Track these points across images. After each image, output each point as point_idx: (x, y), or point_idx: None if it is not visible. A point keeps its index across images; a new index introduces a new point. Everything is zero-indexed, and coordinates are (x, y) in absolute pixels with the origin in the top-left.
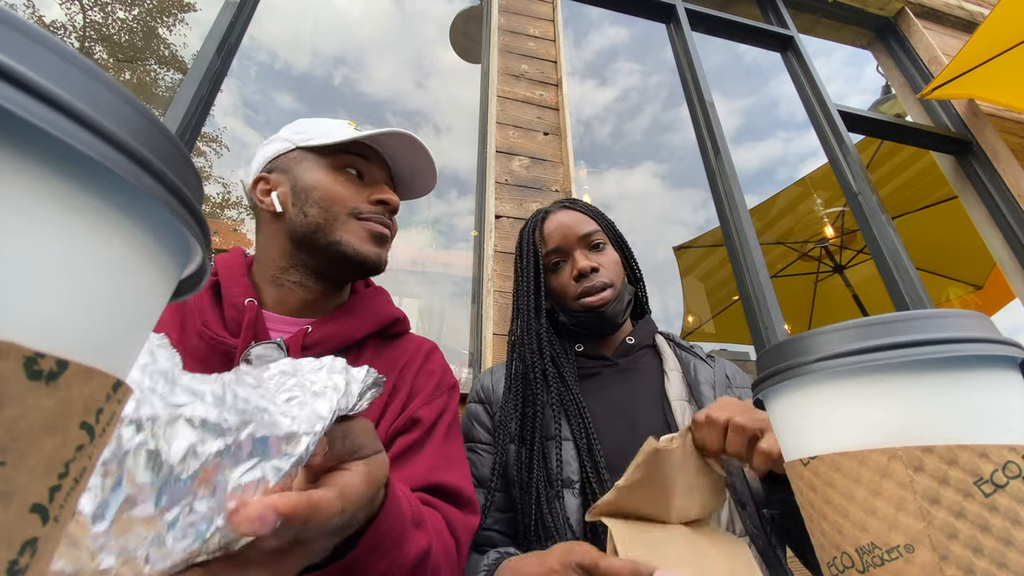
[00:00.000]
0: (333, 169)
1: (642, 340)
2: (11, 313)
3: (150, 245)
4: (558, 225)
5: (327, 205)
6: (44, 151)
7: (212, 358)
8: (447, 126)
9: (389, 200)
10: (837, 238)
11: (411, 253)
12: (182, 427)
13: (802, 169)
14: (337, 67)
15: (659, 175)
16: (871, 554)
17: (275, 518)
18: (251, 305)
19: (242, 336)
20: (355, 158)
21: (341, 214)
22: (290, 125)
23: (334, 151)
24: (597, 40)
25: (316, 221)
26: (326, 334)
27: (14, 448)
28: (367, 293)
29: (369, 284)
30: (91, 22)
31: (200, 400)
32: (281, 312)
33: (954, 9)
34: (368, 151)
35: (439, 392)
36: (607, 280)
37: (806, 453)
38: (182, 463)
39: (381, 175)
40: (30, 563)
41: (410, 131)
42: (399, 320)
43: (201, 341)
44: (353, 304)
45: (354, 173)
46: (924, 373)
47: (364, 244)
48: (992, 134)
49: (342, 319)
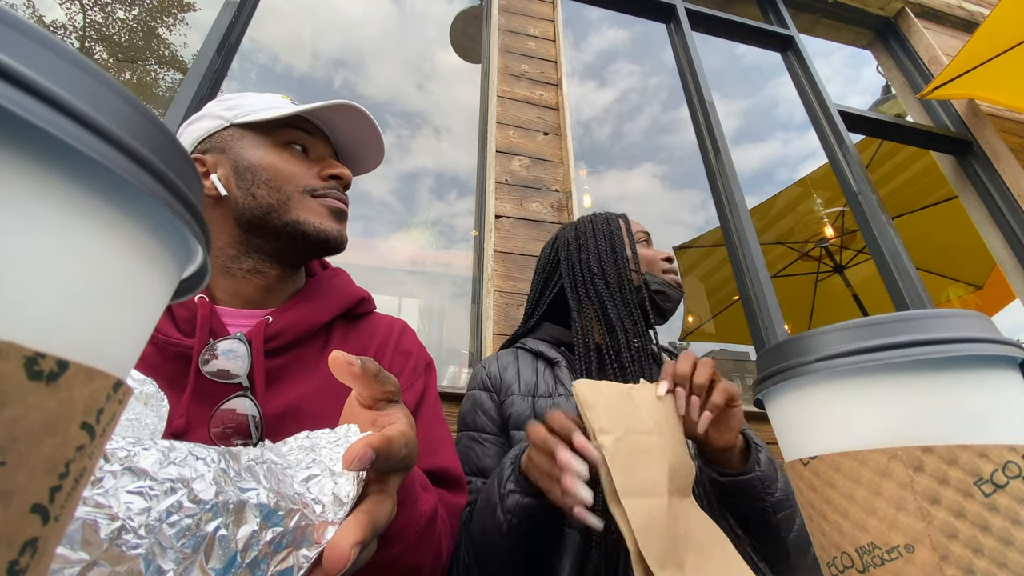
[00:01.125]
0: (277, 146)
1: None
2: (11, 313)
3: (150, 245)
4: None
5: (278, 184)
6: (44, 151)
7: (165, 363)
8: (447, 128)
9: (342, 175)
10: (837, 238)
11: (411, 253)
12: (248, 513)
13: (800, 171)
14: (337, 69)
15: (658, 176)
16: (871, 554)
17: (371, 453)
18: (202, 301)
19: (197, 335)
20: (298, 132)
21: (295, 193)
22: (216, 101)
23: (276, 127)
24: (596, 42)
25: (268, 202)
26: (289, 322)
27: (14, 448)
28: (325, 275)
29: (326, 266)
30: (91, 22)
31: (259, 484)
32: (236, 305)
33: (954, 9)
34: (309, 125)
35: (416, 374)
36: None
37: (806, 453)
38: (244, 552)
39: (327, 150)
40: (30, 563)
41: (352, 101)
42: (364, 299)
43: (151, 346)
44: (312, 288)
45: (299, 149)
46: (924, 373)
47: (325, 221)
48: (992, 134)
49: (304, 304)
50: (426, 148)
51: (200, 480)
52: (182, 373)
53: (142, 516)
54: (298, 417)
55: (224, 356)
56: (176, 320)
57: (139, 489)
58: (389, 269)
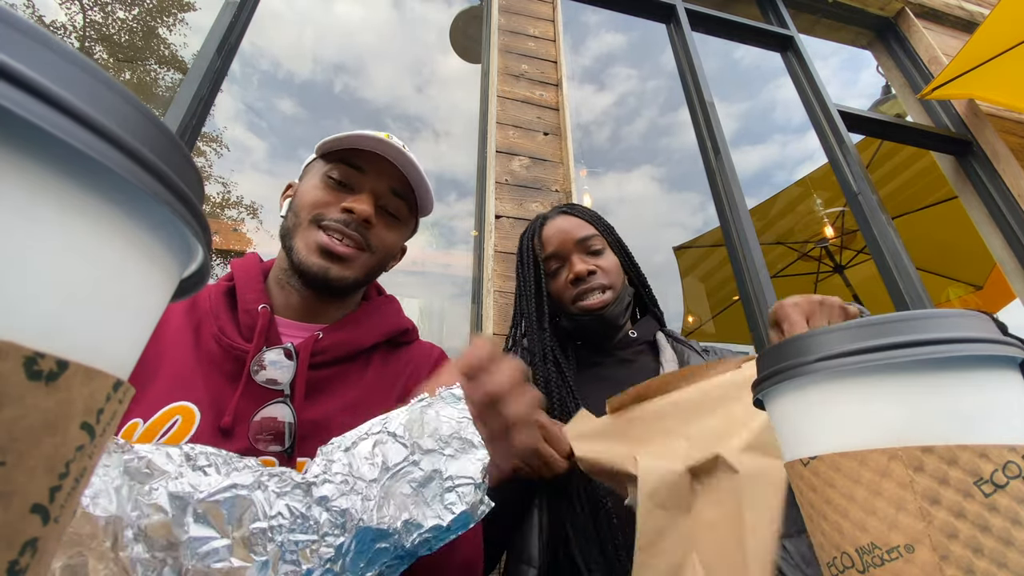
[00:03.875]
0: (321, 175)
1: (644, 335)
2: (11, 313)
3: (151, 244)
4: (556, 230)
5: (297, 209)
6: (44, 150)
7: (226, 362)
8: (446, 131)
9: (354, 208)
10: (837, 238)
11: (411, 254)
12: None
13: (798, 173)
14: (338, 74)
15: (656, 178)
16: (871, 554)
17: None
18: (264, 311)
19: (254, 342)
20: (343, 167)
21: (305, 219)
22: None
23: (329, 160)
24: (594, 46)
25: (287, 225)
26: (336, 341)
27: (14, 448)
28: (379, 301)
29: (381, 291)
30: (91, 22)
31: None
32: (289, 316)
33: (954, 9)
34: (365, 162)
35: None
36: (606, 282)
37: (806, 453)
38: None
39: (376, 185)
40: (30, 563)
41: (401, 144)
42: (408, 330)
43: (217, 346)
44: (363, 312)
45: (334, 179)
46: (924, 373)
47: (310, 255)
48: (992, 134)
49: (352, 326)
50: (426, 151)
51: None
52: (238, 373)
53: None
54: (329, 427)
55: (272, 367)
56: (239, 325)
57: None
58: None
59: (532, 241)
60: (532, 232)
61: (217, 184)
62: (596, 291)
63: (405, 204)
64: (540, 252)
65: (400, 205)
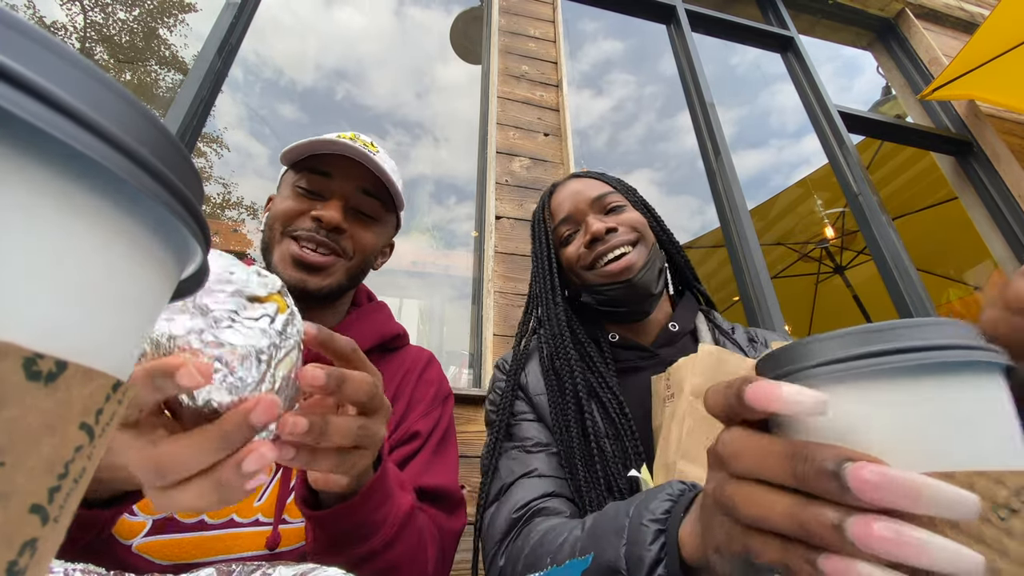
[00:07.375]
0: (291, 186)
1: (685, 326)
2: (10, 313)
3: (150, 245)
4: (568, 193)
5: (271, 223)
6: (44, 151)
7: None
8: (446, 137)
9: (322, 216)
10: (837, 239)
11: (412, 256)
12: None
13: (794, 177)
14: (339, 81)
15: (655, 182)
16: None
17: (322, 374)
18: None
19: None
20: (309, 174)
21: (278, 232)
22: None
23: (298, 167)
24: (592, 52)
25: (265, 240)
26: None
27: (13, 449)
28: (368, 308)
29: (372, 298)
30: (92, 23)
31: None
32: None
33: (954, 10)
34: (331, 166)
35: (436, 403)
36: (630, 239)
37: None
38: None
39: (344, 189)
40: (29, 563)
41: (368, 141)
42: (399, 336)
43: None
44: (353, 319)
45: (303, 188)
46: (904, 381)
47: (286, 268)
48: (992, 135)
49: (343, 333)
50: (426, 156)
51: None
52: None
53: None
54: None
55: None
56: None
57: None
58: (390, 271)
59: (543, 213)
60: (542, 203)
61: (217, 185)
62: (618, 249)
63: (379, 202)
64: (551, 222)
65: (373, 204)
